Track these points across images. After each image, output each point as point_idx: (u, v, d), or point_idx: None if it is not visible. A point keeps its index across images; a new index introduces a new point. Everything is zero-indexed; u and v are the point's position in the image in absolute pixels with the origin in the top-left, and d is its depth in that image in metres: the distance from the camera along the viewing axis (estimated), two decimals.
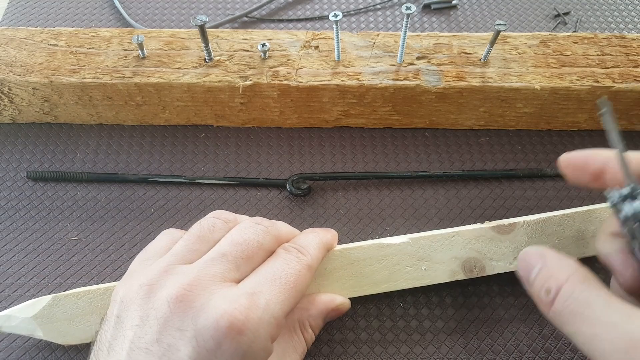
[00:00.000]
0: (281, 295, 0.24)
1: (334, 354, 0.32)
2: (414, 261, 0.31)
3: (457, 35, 0.41)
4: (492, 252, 0.31)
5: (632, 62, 0.39)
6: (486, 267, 0.31)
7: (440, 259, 0.31)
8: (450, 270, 0.31)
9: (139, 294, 0.24)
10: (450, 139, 0.41)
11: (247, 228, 0.27)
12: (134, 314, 0.23)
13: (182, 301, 0.23)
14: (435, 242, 0.31)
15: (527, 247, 0.26)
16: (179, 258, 0.26)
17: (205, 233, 0.27)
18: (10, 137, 0.41)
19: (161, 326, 0.22)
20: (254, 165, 0.40)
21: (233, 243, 0.26)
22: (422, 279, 0.31)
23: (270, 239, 0.27)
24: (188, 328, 0.22)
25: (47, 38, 0.40)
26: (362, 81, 0.38)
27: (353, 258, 0.31)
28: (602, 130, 0.42)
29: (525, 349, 0.32)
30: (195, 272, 0.24)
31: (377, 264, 0.31)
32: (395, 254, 0.31)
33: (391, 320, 0.33)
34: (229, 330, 0.22)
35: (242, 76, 0.38)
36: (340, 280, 0.31)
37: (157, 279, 0.24)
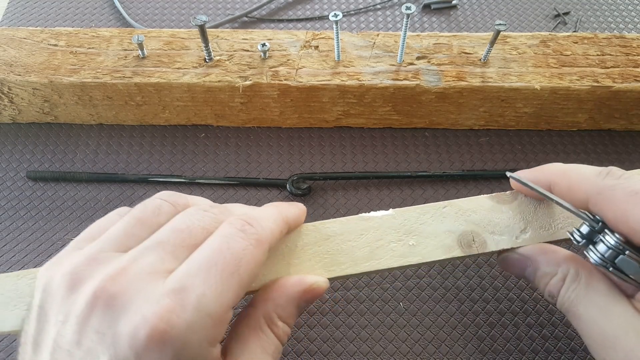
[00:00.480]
0: (219, 286, 0.20)
1: (333, 352, 0.32)
2: (399, 236, 0.27)
3: (457, 35, 0.41)
4: (494, 225, 0.27)
5: (632, 62, 0.39)
6: (487, 241, 0.27)
7: (431, 233, 0.27)
8: (444, 246, 0.27)
9: (62, 285, 0.21)
10: (450, 139, 0.41)
11: (193, 214, 0.23)
12: (57, 308, 0.20)
13: (103, 298, 0.19)
14: (424, 215, 0.27)
15: (506, 254, 0.27)
16: (112, 244, 0.22)
17: (148, 216, 0.23)
18: (10, 137, 0.41)
19: (80, 326, 0.19)
20: (254, 165, 0.40)
21: (174, 229, 0.22)
22: (411, 255, 0.26)
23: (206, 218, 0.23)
24: (107, 333, 0.19)
25: (47, 38, 0.40)
26: (362, 81, 0.38)
27: (328, 233, 0.27)
28: (601, 130, 0.42)
29: (526, 349, 0.32)
30: (124, 263, 0.21)
31: (357, 240, 0.27)
32: (378, 227, 0.27)
33: (391, 320, 0.33)
34: (148, 342, 0.18)
35: (242, 76, 0.38)
36: (313, 258, 0.26)
37: (82, 268, 0.21)
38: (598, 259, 0.22)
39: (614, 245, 0.22)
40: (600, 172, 0.24)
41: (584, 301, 0.23)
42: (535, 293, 0.34)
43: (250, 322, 0.23)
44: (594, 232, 0.23)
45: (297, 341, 0.32)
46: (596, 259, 0.22)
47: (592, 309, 0.22)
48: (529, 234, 0.27)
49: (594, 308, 0.22)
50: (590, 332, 0.22)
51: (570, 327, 0.32)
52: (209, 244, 0.21)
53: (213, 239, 0.22)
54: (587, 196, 0.23)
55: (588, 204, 0.23)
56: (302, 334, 0.32)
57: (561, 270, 0.24)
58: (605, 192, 0.22)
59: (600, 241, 0.22)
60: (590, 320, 0.22)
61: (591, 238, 0.23)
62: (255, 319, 0.24)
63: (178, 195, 0.25)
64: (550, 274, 0.25)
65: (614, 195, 0.22)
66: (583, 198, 0.23)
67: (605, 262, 0.22)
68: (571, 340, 0.32)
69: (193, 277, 0.20)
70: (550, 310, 0.33)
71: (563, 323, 0.33)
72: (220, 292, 0.20)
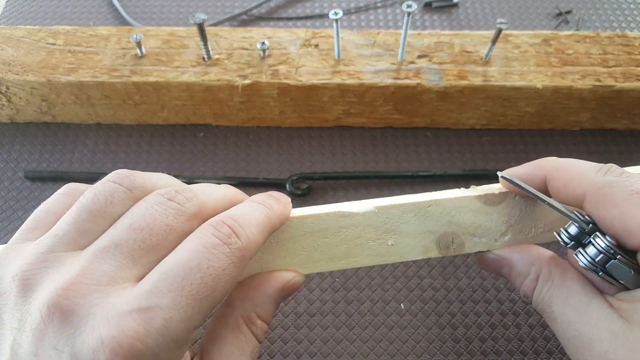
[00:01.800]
0: (189, 309, 0.18)
1: (333, 354, 0.31)
2: (379, 234, 0.26)
3: (459, 34, 0.40)
4: (475, 226, 0.27)
5: (634, 61, 0.39)
6: (466, 243, 0.27)
7: (411, 232, 0.26)
8: (422, 246, 0.27)
9: (13, 288, 0.19)
10: (452, 139, 0.41)
11: (154, 205, 0.20)
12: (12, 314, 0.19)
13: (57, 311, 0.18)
14: (407, 213, 0.26)
15: (482, 254, 0.26)
16: (63, 242, 0.20)
17: (101, 206, 0.20)
18: (8, 136, 0.41)
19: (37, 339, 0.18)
20: (253, 165, 0.40)
21: (132, 228, 0.19)
22: (388, 255, 0.26)
23: (185, 219, 0.20)
24: (64, 350, 0.17)
25: (45, 37, 0.40)
26: (363, 80, 0.37)
27: (306, 229, 0.26)
28: (604, 129, 0.42)
29: (528, 350, 0.32)
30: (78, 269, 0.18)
31: (334, 237, 0.26)
32: (357, 225, 0.26)
33: (392, 321, 0.33)
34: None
35: (242, 75, 0.37)
36: (288, 255, 0.26)
37: (33, 270, 0.19)
38: (588, 262, 0.21)
39: (605, 248, 0.21)
40: (600, 168, 0.22)
41: (557, 301, 0.22)
42: None
43: (228, 322, 0.22)
44: (582, 234, 0.22)
45: (297, 343, 0.32)
46: (586, 262, 0.21)
47: (567, 310, 0.22)
48: (509, 237, 0.27)
49: (568, 308, 0.21)
50: (566, 333, 0.22)
51: None
52: (184, 255, 0.19)
53: (190, 247, 0.19)
54: (585, 193, 0.22)
55: (584, 201, 0.22)
56: (302, 335, 0.32)
57: (534, 269, 0.24)
58: (605, 189, 0.21)
59: (590, 244, 0.21)
60: (565, 322, 0.21)
61: (579, 240, 0.22)
62: (234, 319, 0.22)
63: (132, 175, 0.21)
64: (523, 273, 0.24)
65: (614, 193, 0.21)
66: (579, 195, 0.22)
67: (595, 266, 0.21)
68: None
69: (161, 297, 0.18)
70: None
71: None
72: (190, 315, 0.18)
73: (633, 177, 0.21)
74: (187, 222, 0.20)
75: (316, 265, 0.26)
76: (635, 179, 0.21)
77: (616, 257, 0.20)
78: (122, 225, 0.20)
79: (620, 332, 0.19)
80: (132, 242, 0.19)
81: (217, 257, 0.19)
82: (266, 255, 0.25)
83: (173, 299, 0.18)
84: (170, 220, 0.20)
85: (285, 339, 0.32)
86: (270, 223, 0.23)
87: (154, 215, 0.20)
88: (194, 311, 0.18)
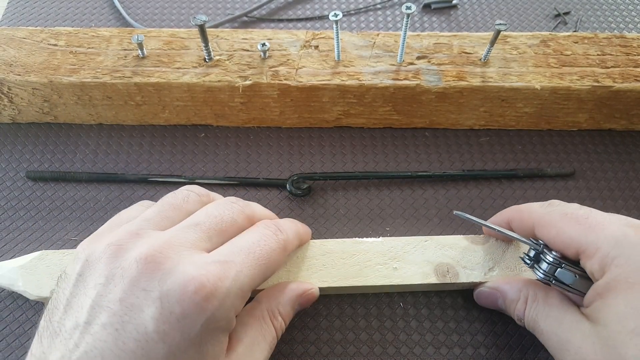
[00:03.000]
0: (253, 270, 0.24)
1: (333, 354, 0.32)
2: (385, 260, 0.32)
3: (458, 35, 0.41)
4: (466, 260, 0.32)
5: (632, 62, 0.39)
6: (460, 274, 0.32)
7: (412, 261, 0.32)
8: (422, 273, 0.32)
9: (106, 253, 0.23)
10: (451, 139, 0.41)
11: (222, 205, 0.27)
12: (99, 273, 0.23)
13: (151, 262, 0.22)
14: (408, 245, 0.33)
15: (478, 288, 0.32)
16: (150, 223, 0.25)
17: (179, 202, 0.27)
18: (10, 137, 0.41)
19: (127, 285, 0.22)
20: (253, 165, 0.40)
21: (208, 215, 0.26)
22: (393, 277, 0.32)
23: (244, 217, 0.27)
24: (154, 289, 0.22)
25: (47, 38, 0.40)
26: (362, 81, 0.37)
27: (325, 249, 0.32)
28: (602, 129, 0.42)
29: (527, 348, 0.32)
30: (167, 236, 0.24)
31: (349, 258, 0.32)
32: (368, 250, 0.32)
33: (391, 320, 0.33)
34: (195, 296, 0.22)
35: (242, 76, 0.38)
36: (310, 269, 0.31)
37: (126, 240, 0.24)
38: (541, 274, 0.27)
39: (552, 261, 0.26)
40: (542, 204, 0.29)
41: (542, 316, 0.27)
42: None
43: (255, 313, 0.27)
44: (538, 254, 0.27)
45: (297, 342, 0.32)
46: (540, 275, 0.27)
47: (550, 321, 0.26)
48: (496, 272, 0.32)
49: (551, 319, 0.26)
50: (550, 341, 0.26)
51: None
52: (250, 235, 0.26)
53: (253, 232, 0.26)
54: (533, 223, 0.28)
55: (534, 230, 0.28)
56: (302, 336, 0.32)
57: (522, 294, 0.29)
58: (545, 217, 0.27)
59: (542, 260, 0.27)
60: (549, 331, 0.26)
61: (537, 259, 0.27)
62: (260, 310, 0.27)
63: (201, 188, 0.29)
64: (515, 299, 0.29)
65: (551, 218, 0.27)
66: (531, 226, 0.28)
67: (548, 276, 0.26)
68: None
69: (235, 255, 0.24)
70: None
71: None
72: (252, 274, 0.24)
73: (567, 205, 0.28)
74: (245, 220, 0.27)
75: (333, 280, 0.31)
76: (567, 206, 0.27)
77: (561, 266, 0.26)
78: (200, 213, 0.26)
79: (587, 331, 0.24)
80: (208, 224, 0.25)
81: (270, 239, 0.26)
82: (292, 267, 0.31)
83: (242, 258, 0.24)
84: (234, 215, 0.27)
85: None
86: (299, 232, 0.30)
87: (223, 210, 0.27)
88: (255, 272, 0.24)
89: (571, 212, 0.27)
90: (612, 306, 0.23)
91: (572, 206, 0.27)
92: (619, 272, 0.23)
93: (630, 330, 0.22)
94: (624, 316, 0.23)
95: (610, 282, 0.24)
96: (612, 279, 0.24)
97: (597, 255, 0.24)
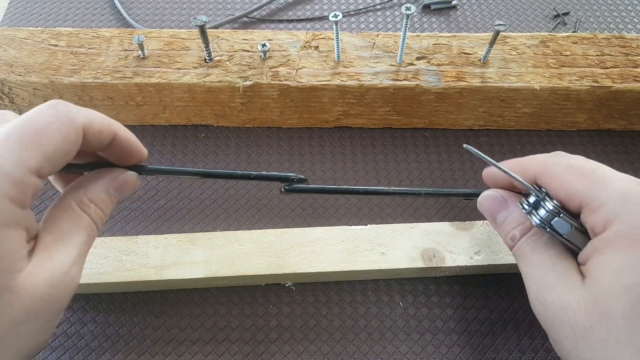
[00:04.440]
0: (16, 151, 0.21)
1: (333, 352, 0.32)
2: (373, 246, 0.33)
3: (457, 36, 0.41)
4: (452, 245, 0.33)
5: (631, 62, 0.39)
6: (446, 258, 0.33)
7: (400, 246, 0.33)
8: (409, 257, 0.33)
9: None
10: (450, 139, 0.41)
11: None
12: None
13: None
14: (395, 232, 0.34)
15: (487, 190, 0.30)
16: None
17: None
18: None
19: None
20: (254, 165, 0.40)
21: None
22: (381, 262, 0.32)
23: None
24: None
25: (48, 38, 0.40)
26: (362, 81, 0.38)
27: (314, 236, 0.33)
28: (601, 130, 0.42)
29: (526, 348, 0.32)
30: None
31: (337, 245, 0.33)
32: (356, 237, 0.33)
33: (391, 319, 0.33)
34: None
35: (242, 76, 0.38)
36: (299, 255, 0.33)
37: None
38: (538, 220, 0.26)
39: (551, 209, 0.26)
40: (547, 155, 0.28)
41: (540, 251, 0.26)
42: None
43: (61, 204, 0.25)
44: (538, 202, 0.27)
45: (296, 341, 0.32)
46: (537, 220, 0.26)
47: (543, 257, 0.26)
48: (482, 256, 0.33)
49: (545, 256, 0.26)
50: (534, 275, 0.26)
51: None
52: (18, 118, 0.23)
53: (24, 114, 0.23)
54: (536, 172, 0.27)
55: (536, 178, 0.27)
56: (302, 334, 0.32)
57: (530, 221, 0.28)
58: (550, 167, 0.27)
59: (541, 207, 0.26)
60: (538, 266, 0.26)
61: (536, 206, 0.27)
62: (65, 201, 0.25)
63: None
64: (519, 222, 0.28)
65: (556, 169, 0.26)
66: (533, 175, 0.27)
67: (544, 223, 0.26)
68: None
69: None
70: None
71: None
72: (18, 157, 0.21)
73: (572, 157, 0.27)
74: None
75: (322, 265, 0.32)
76: (573, 158, 0.27)
77: (559, 215, 0.25)
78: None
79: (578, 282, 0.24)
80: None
81: (45, 112, 0.22)
82: (283, 254, 0.32)
83: (2, 143, 0.21)
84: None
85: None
86: (109, 119, 0.26)
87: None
88: (21, 153, 0.21)
89: (577, 164, 0.26)
90: (608, 261, 0.23)
91: (578, 158, 0.27)
92: (622, 228, 0.23)
93: (623, 285, 0.22)
94: (619, 271, 0.22)
95: (611, 236, 0.23)
96: (613, 234, 0.23)
97: (602, 210, 0.24)
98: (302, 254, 0.33)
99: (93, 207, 0.25)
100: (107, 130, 0.25)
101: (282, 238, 0.33)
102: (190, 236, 0.33)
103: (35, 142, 0.21)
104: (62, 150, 0.22)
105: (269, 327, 0.32)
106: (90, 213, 0.25)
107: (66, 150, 0.23)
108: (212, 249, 0.33)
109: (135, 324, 0.32)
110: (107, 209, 0.26)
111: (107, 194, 0.26)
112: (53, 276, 0.22)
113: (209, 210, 0.37)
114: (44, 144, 0.22)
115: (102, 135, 0.25)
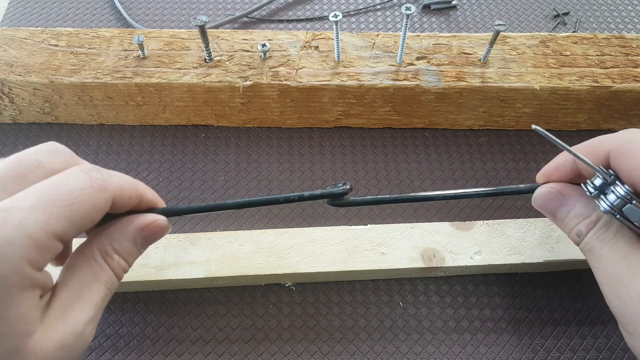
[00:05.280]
0: (48, 213, 0.20)
1: (333, 352, 0.32)
2: (373, 246, 0.33)
3: (457, 36, 0.41)
4: (452, 245, 0.33)
5: (631, 62, 0.39)
6: (446, 258, 0.33)
7: (399, 246, 0.33)
8: (409, 257, 0.33)
9: None
10: (450, 139, 0.41)
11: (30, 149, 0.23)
12: None
13: None
14: (395, 232, 0.34)
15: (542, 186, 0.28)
16: None
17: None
18: (11, 137, 0.41)
19: None
20: (254, 165, 0.40)
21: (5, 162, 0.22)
22: (381, 262, 0.32)
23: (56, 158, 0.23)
24: None
25: (48, 38, 0.40)
26: (362, 81, 0.38)
27: (315, 236, 0.33)
28: (601, 130, 0.42)
29: (525, 348, 0.32)
30: None
31: (338, 245, 0.33)
32: (356, 237, 0.33)
33: (390, 319, 0.33)
34: None
35: (242, 76, 0.38)
36: (299, 255, 0.33)
37: None
38: (607, 207, 0.24)
39: (623, 195, 0.24)
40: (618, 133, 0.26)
41: (610, 243, 0.25)
42: (534, 293, 0.34)
43: (84, 253, 0.24)
44: (605, 185, 0.25)
45: (296, 341, 0.32)
46: (606, 207, 0.24)
47: (616, 252, 0.24)
48: (482, 256, 0.33)
49: (617, 248, 0.24)
50: (606, 270, 0.25)
51: None
52: (51, 179, 0.22)
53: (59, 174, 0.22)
54: (608, 150, 0.25)
55: (609, 157, 0.25)
56: (302, 334, 0.32)
57: (596, 214, 0.26)
58: (624, 145, 0.24)
59: (611, 192, 0.24)
60: (612, 261, 0.24)
61: (603, 190, 0.25)
62: (89, 249, 0.24)
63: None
64: (584, 215, 0.26)
65: (632, 147, 0.24)
66: (604, 155, 0.25)
67: (614, 210, 0.24)
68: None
69: (22, 201, 0.20)
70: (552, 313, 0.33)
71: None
72: (45, 219, 0.20)
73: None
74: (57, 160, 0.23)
75: (322, 265, 0.32)
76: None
77: (632, 202, 0.24)
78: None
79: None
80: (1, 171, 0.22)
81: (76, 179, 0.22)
82: (284, 254, 0.32)
83: (32, 202, 0.20)
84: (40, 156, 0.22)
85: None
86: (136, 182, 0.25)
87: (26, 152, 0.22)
88: (49, 215, 0.20)
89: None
90: None
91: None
92: None
93: None
94: None
95: None
96: None
97: None
98: (302, 254, 0.33)
99: (117, 259, 0.24)
100: (136, 196, 0.25)
101: (282, 238, 0.33)
102: (190, 236, 0.33)
103: (66, 208, 0.21)
104: (89, 217, 0.22)
105: (269, 327, 0.32)
106: (113, 266, 0.24)
107: (93, 218, 0.22)
108: (212, 249, 0.33)
109: (135, 324, 0.32)
110: (132, 259, 0.25)
111: (134, 243, 0.25)
112: (65, 338, 0.22)
113: None
114: (74, 210, 0.21)
115: (130, 201, 0.25)
